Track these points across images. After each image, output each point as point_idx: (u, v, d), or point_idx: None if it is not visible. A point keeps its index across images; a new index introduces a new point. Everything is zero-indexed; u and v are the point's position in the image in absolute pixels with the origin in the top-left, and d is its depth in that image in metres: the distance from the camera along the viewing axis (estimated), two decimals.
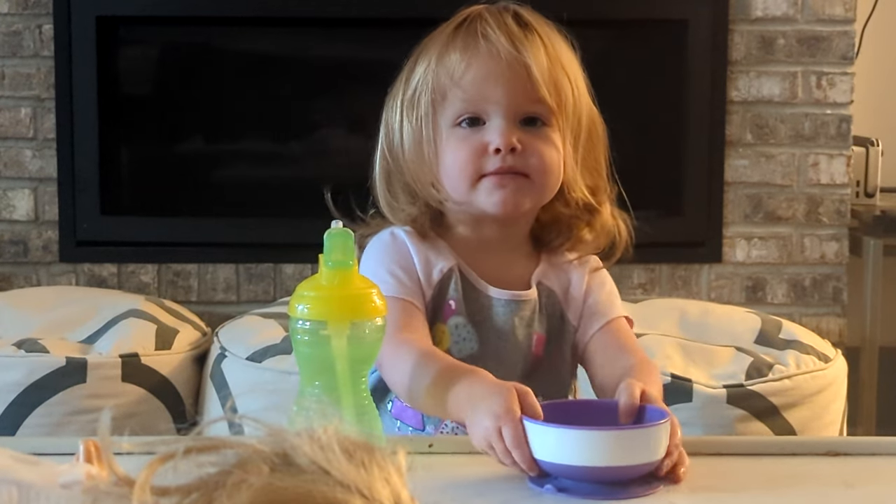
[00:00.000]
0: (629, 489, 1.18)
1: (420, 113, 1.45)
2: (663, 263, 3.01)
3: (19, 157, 2.96)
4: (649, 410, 1.24)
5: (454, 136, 1.44)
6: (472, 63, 1.43)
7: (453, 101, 1.44)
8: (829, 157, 3.01)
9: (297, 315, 1.18)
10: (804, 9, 2.99)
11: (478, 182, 1.43)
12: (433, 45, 1.47)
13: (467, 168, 1.43)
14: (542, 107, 1.44)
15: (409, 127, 1.46)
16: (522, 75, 1.42)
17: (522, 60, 1.42)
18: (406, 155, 1.47)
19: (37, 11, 2.93)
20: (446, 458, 1.28)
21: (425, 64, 1.46)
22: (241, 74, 3.04)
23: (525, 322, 1.47)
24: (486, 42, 1.43)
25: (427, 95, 1.45)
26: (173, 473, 0.72)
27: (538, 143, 1.44)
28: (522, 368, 1.45)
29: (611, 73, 3.10)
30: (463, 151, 1.43)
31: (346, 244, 1.18)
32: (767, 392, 2.43)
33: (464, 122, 1.44)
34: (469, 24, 1.46)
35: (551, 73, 1.44)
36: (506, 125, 1.42)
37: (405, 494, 0.74)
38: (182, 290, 2.97)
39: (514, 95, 1.43)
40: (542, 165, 1.43)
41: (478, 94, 1.43)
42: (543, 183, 1.45)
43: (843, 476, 1.24)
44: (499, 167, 1.42)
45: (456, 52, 1.44)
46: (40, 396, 2.45)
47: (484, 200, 1.43)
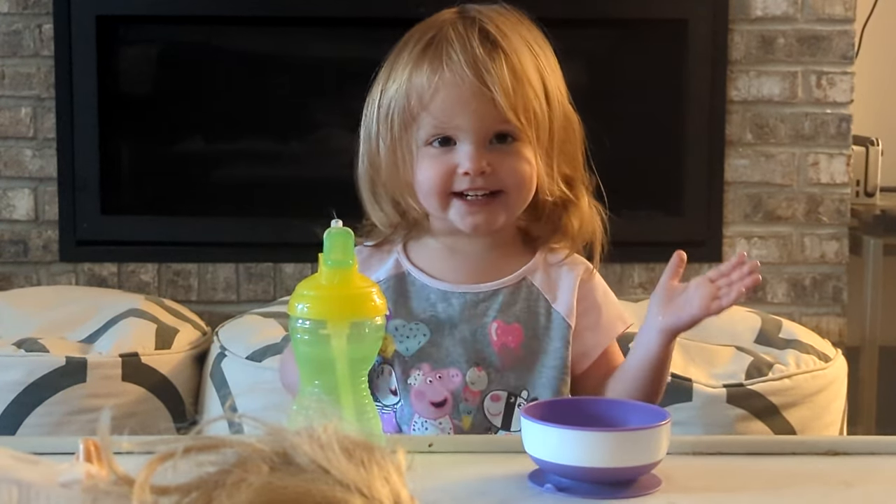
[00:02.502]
0: (629, 489, 1.18)
1: (394, 132, 1.49)
2: (663, 263, 2.98)
3: (19, 156, 2.96)
4: (650, 411, 1.24)
5: (426, 156, 1.48)
6: (439, 89, 1.46)
7: (424, 124, 1.48)
8: (829, 156, 3.01)
9: (296, 314, 1.18)
10: (804, 8, 2.98)
11: (450, 201, 1.48)
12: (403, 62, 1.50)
13: (438, 187, 1.47)
14: (509, 125, 1.47)
15: (384, 143, 1.50)
16: (488, 100, 1.45)
17: (487, 84, 1.45)
18: (384, 167, 1.51)
19: (37, 11, 2.93)
20: (446, 458, 1.27)
21: (396, 84, 1.49)
22: (242, 74, 3.04)
23: (481, 311, 1.50)
24: (451, 69, 1.46)
25: (399, 115, 1.49)
26: (173, 472, 0.72)
27: (509, 161, 1.47)
28: (485, 358, 1.48)
29: (611, 73, 3.10)
30: (434, 171, 1.47)
31: (346, 243, 1.18)
32: (767, 391, 2.43)
33: (435, 142, 1.48)
34: (436, 46, 1.48)
35: (517, 94, 1.47)
36: (474, 149, 1.46)
37: (405, 493, 0.74)
38: (182, 290, 2.97)
39: (481, 120, 1.46)
40: (513, 181, 1.48)
41: (446, 120, 1.46)
42: (517, 197, 1.49)
43: (843, 475, 1.24)
44: (468, 188, 1.46)
45: (423, 76, 1.47)
46: (40, 396, 2.45)
47: (457, 221, 1.48)
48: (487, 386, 1.48)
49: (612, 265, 3.00)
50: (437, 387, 1.47)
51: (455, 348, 1.48)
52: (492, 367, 1.48)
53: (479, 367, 1.48)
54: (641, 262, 3.00)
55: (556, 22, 2.99)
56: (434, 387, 1.47)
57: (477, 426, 1.47)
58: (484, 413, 1.47)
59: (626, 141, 3.06)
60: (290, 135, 3.07)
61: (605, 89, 3.08)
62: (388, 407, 1.48)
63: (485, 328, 1.49)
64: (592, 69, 3.08)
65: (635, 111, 3.05)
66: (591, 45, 3.09)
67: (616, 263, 3.00)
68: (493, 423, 1.48)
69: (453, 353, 1.48)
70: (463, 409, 1.47)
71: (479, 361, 1.48)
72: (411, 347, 1.48)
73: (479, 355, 1.48)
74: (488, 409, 1.48)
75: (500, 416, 1.48)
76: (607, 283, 3.18)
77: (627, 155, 3.06)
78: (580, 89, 3.05)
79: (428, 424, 1.46)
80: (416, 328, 1.49)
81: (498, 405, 1.48)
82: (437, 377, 1.47)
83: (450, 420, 1.47)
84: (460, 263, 1.53)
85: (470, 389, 1.47)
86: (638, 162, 3.06)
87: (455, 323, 1.49)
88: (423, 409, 1.47)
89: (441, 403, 1.47)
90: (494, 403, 1.48)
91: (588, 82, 3.08)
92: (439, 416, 1.47)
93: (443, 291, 1.51)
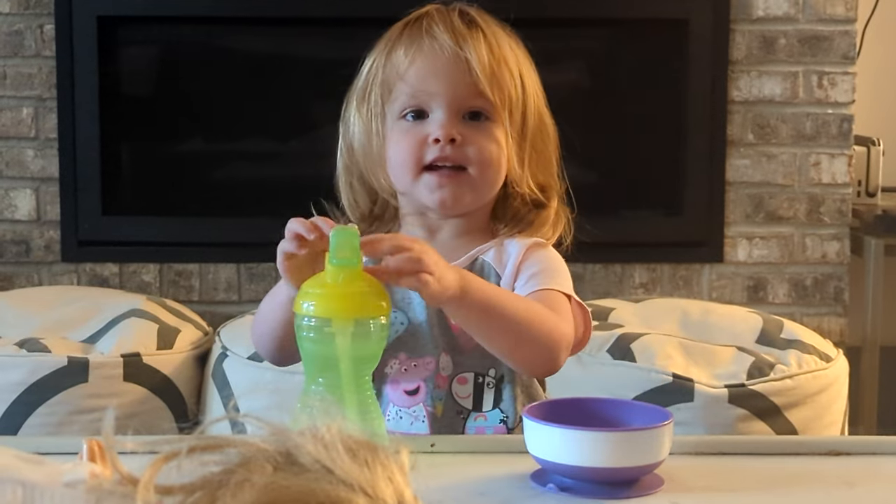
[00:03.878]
0: (631, 489, 1.18)
1: (370, 106, 1.51)
2: (664, 263, 3.01)
3: (21, 156, 2.96)
4: (653, 411, 1.24)
5: (399, 129, 1.50)
6: (416, 58, 1.48)
7: (399, 95, 1.49)
8: (830, 156, 3.01)
9: (301, 312, 1.18)
10: (805, 8, 2.99)
11: (419, 175, 1.48)
12: (383, 42, 1.53)
13: (409, 159, 1.48)
14: (484, 101, 1.48)
15: (359, 121, 1.52)
16: (464, 70, 1.47)
17: (463, 55, 1.47)
18: (357, 148, 1.53)
19: (38, 11, 2.93)
20: (448, 458, 1.28)
21: (373, 59, 1.53)
22: (242, 74, 3.04)
23: None
24: (430, 38, 1.48)
25: (376, 89, 1.51)
26: (177, 472, 0.72)
27: (479, 137, 1.48)
28: (447, 342, 1.47)
29: (612, 73, 3.10)
30: (405, 142, 1.48)
31: (352, 242, 1.19)
32: (769, 392, 2.43)
33: (408, 114, 1.49)
34: (416, 21, 1.51)
35: (493, 69, 1.48)
36: (447, 118, 1.47)
37: (408, 493, 0.75)
38: (183, 290, 2.98)
39: (455, 90, 1.47)
40: (480, 158, 1.48)
41: (421, 89, 1.48)
42: (483, 176, 1.49)
43: (844, 476, 1.24)
44: (437, 157, 1.47)
45: (402, 48, 1.50)
46: (42, 396, 2.45)
47: (425, 196, 1.48)
48: (453, 370, 1.47)
49: (612, 265, 3.00)
50: (412, 374, 1.47)
51: (428, 335, 1.47)
52: (455, 351, 1.47)
53: (446, 352, 1.47)
54: (642, 262, 3.00)
55: (557, 21, 3.03)
56: (408, 375, 1.47)
57: (448, 411, 1.46)
58: (453, 397, 1.47)
59: (627, 141, 3.06)
60: (291, 135, 3.07)
61: (606, 89, 3.08)
62: None
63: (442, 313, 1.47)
64: (593, 69, 3.08)
65: (636, 111, 3.05)
66: (592, 45, 3.09)
67: (617, 263, 3.00)
68: (464, 406, 1.47)
69: (427, 340, 1.47)
70: (435, 396, 1.46)
71: (445, 347, 1.47)
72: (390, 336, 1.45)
73: (445, 340, 1.47)
74: (456, 392, 1.47)
75: (469, 399, 1.47)
76: (608, 283, 3.18)
77: (628, 155, 3.06)
78: (581, 89, 3.08)
79: (402, 413, 1.46)
80: (395, 316, 1.47)
81: (466, 387, 1.47)
82: (412, 365, 1.47)
83: (423, 407, 1.46)
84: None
85: (441, 375, 1.46)
86: (639, 162, 3.06)
87: (422, 308, 1.48)
88: (397, 397, 1.46)
89: (414, 391, 1.46)
90: (462, 386, 1.47)
91: (589, 82, 3.08)
92: (412, 405, 1.46)
93: None
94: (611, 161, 3.04)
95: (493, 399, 1.47)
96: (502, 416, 1.47)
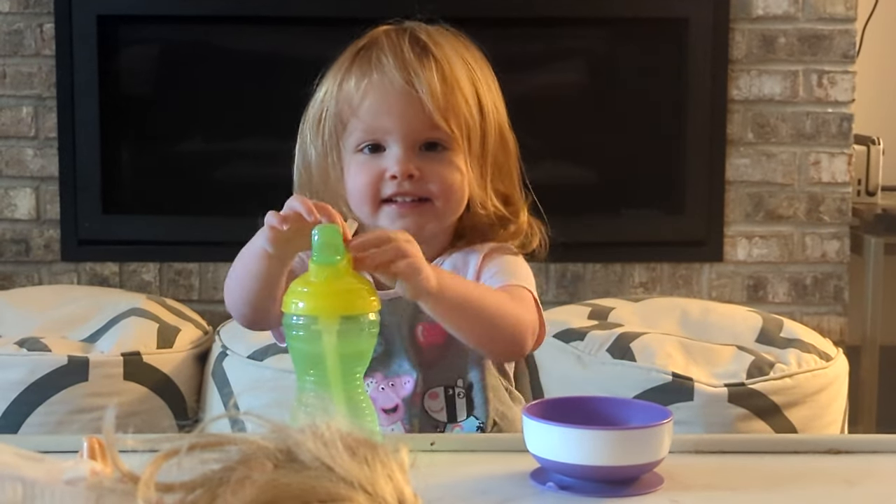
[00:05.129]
0: (631, 487, 1.18)
1: (325, 138, 1.50)
2: (664, 262, 3.01)
3: (21, 156, 2.96)
4: (652, 410, 1.24)
5: (356, 162, 1.48)
6: (368, 93, 1.46)
7: (353, 129, 1.48)
8: (830, 155, 3.01)
9: (289, 311, 1.19)
10: (805, 7, 2.99)
11: (380, 207, 1.47)
12: (335, 69, 1.51)
13: (368, 193, 1.46)
14: (440, 132, 1.46)
15: (315, 150, 1.51)
16: (417, 105, 1.45)
17: (415, 91, 1.44)
18: (315, 174, 1.52)
19: (38, 10, 2.93)
20: (448, 456, 1.28)
21: (325, 89, 1.51)
22: (243, 73, 3.04)
23: (407, 317, 1.47)
24: (380, 72, 1.46)
25: (330, 121, 1.49)
26: (178, 470, 0.72)
27: (438, 168, 1.46)
28: (418, 360, 1.46)
29: (611, 72, 3.10)
30: (363, 177, 1.47)
31: (335, 239, 1.19)
32: (769, 391, 2.43)
33: (365, 148, 1.47)
34: (367, 50, 1.49)
35: (447, 99, 1.45)
36: (403, 153, 1.45)
37: (408, 491, 0.75)
38: (183, 289, 2.98)
39: (409, 124, 1.45)
40: (441, 190, 1.46)
41: (375, 124, 1.46)
42: (445, 206, 1.47)
43: (844, 474, 1.24)
44: (396, 192, 1.45)
45: (353, 80, 1.48)
46: (42, 395, 2.45)
47: (387, 226, 1.46)
48: (423, 386, 1.46)
49: (612, 264, 3.00)
50: (389, 394, 1.46)
51: (402, 356, 1.46)
52: (423, 366, 1.46)
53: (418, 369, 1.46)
54: (642, 261, 3.00)
55: (556, 21, 3.03)
56: (386, 394, 1.46)
57: (425, 427, 1.46)
58: (427, 412, 1.46)
59: (627, 140, 3.06)
60: (291, 134, 3.06)
61: (606, 88, 3.08)
62: None
63: (413, 331, 1.47)
64: (593, 68, 3.08)
65: (636, 110, 3.05)
66: (592, 44, 3.09)
67: (617, 263, 3.00)
68: (438, 420, 1.47)
69: (403, 360, 1.46)
70: (413, 414, 1.45)
71: (416, 364, 1.46)
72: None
73: (416, 358, 1.47)
74: (429, 407, 1.46)
75: (443, 412, 1.47)
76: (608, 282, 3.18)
77: (628, 154, 3.06)
78: (581, 89, 3.08)
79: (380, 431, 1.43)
80: None
81: (438, 402, 1.47)
82: (389, 384, 1.46)
83: (402, 425, 1.45)
84: None
85: (416, 393, 1.46)
86: (639, 161, 3.06)
87: (396, 329, 1.47)
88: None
89: (393, 410, 1.46)
90: (434, 401, 1.47)
91: (589, 81, 3.08)
92: (391, 423, 1.45)
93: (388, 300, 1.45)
94: (610, 160, 3.04)
95: (465, 408, 1.47)
96: (478, 423, 1.47)
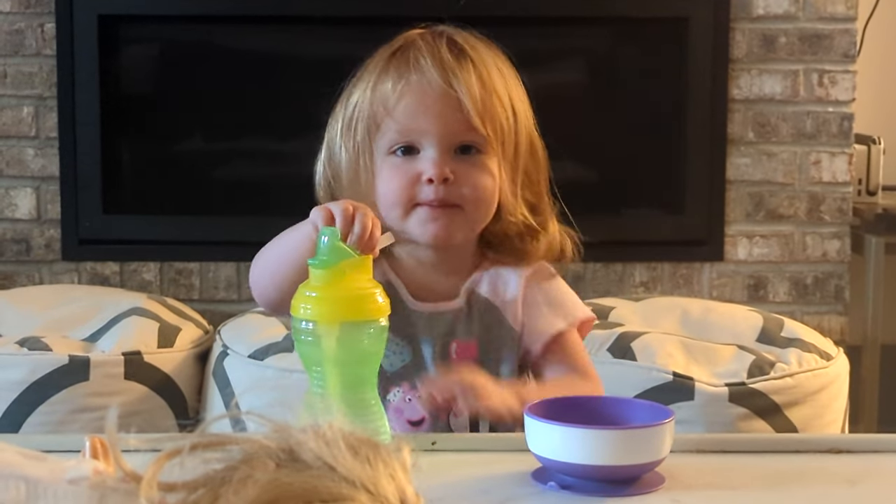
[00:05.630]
0: (632, 487, 1.18)
1: (357, 140, 1.47)
2: (665, 262, 3.01)
3: (21, 155, 2.96)
4: (654, 409, 1.24)
5: (389, 164, 1.46)
6: (405, 94, 1.44)
7: (387, 130, 1.46)
8: (830, 155, 3.01)
9: (297, 315, 1.19)
10: (805, 7, 2.99)
11: (411, 211, 1.45)
12: (369, 71, 1.49)
13: (401, 197, 1.45)
14: (476, 135, 1.44)
15: (346, 152, 1.49)
16: (455, 106, 1.43)
17: (454, 92, 1.43)
18: (344, 177, 1.49)
19: (39, 10, 2.93)
20: (450, 456, 1.28)
21: (361, 90, 1.48)
22: (243, 73, 3.04)
23: (444, 331, 1.47)
24: (419, 73, 1.44)
25: (363, 123, 1.47)
26: (180, 469, 0.72)
27: (472, 172, 1.45)
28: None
29: (612, 72, 3.10)
30: (397, 180, 1.45)
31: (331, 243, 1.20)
32: (769, 390, 2.43)
33: (398, 150, 1.46)
34: (403, 52, 1.47)
35: (484, 103, 1.44)
36: (439, 155, 1.43)
37: (410, 490, 0.75)
38: (184, 289, 2.98)
39: (446, 126, 1.44)
40: (475, 195, 1.45)
41: (411, 125, 1.44)
42: (476, 212, 1.46)
43: (846, 473, 1.24)
44: (432, 198, 1.43)
45: (389, 82, 1.45)
46: (43, 394, 2.45)
47: (417, 231, 1.45)
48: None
49: (613, 264, 3.00)
50: (416, 406, 1.45)
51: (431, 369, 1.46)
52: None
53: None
54: (643, 260, 3.00)
55: (557, 20, 3.03)
56: (412, 405, 1.45)
57: None
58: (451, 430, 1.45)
59: (628, 139, 3.06)
60: (292, 133, 3.07)
61: (607, 87, 3.08)
62: None
63: (445, 348, 1.47)
64: (593, 67, 3.08)
65: (636, 110, 3.05)
66: (593, 44, 3.09)
67: (617, 262, 3.00)
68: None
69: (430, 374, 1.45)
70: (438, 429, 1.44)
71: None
72: (395, 364, 1.46)
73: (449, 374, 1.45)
74: (453, 424, 1.45)
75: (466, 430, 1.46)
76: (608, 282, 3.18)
77: (629, 153, 3.06)
78: (581, 88, 3.08)
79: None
80: (400, 345, 1.45)
81: (462, 420, 1.45)
82: (416, 396, 1.45)
83: None
84: (422, 278, 1.50)
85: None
86: (639, 160, 3.06)
87: (426, 343, 1.46)
88: (401, 426, 1.44)
89: (418, 422, 1.45)
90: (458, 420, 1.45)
91: (589, 81, 3.08)
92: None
93: (415, 311, 1.47)
94: (611, 159, 3.04)
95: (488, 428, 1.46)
96: None
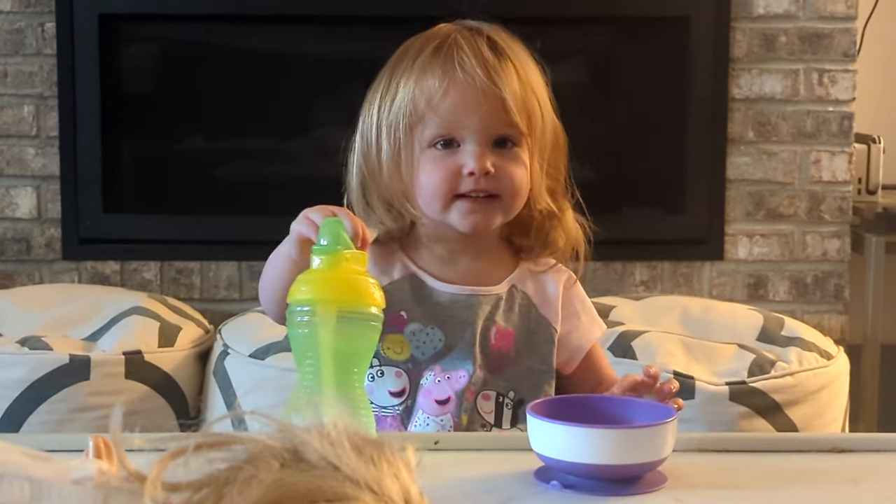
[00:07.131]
0: (634, 486, 1.18)
1: (398, 134, 1.53)
2: (665, 261, 3.01)
3: (22, 155, 2.96)
4: (656, 408, 1.24)
5: (429, 157, 1.52)
6: (450, 90, 1.51)
7: (429, 124, 1.51)
8: (830, 154, 3.01)
9: (292, 301, 1.20)
10: (806, 6, 2.99)
11: (452, 202, 1.51)
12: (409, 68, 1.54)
13: (442, 188, 1.51)
14: (513, 130, 1.52)
15: (386, 146, 1.54)
16: (497, 104, 1.50)
17: (498, 90, 1.50)
18: (383, 172, 1.54)
19: (39, 9, 2.93)
20: (452, 455, 1.28)
21: (401, 88, 1.53)
22: (244, 72, 3.04)
23: (486, 314, 1.54)
24: (463, 71, 1.51)
25: (406, 118, 1.52)
26: (184, 469, 0.72)
27: (509, 165, 1.52)
28: (483, 360, 1.52)
29: (612, 71, 3.10)
30: (438, 173, 1.51)
31: (339, 233, 1.20)
32: (770, 389, 2.43)
33: (438, 144, 1.51)
34: (447, 50, 1.53)
35: (524, 99, 1.52)
36: (479, 149, 1.50)
37: (414, 490, 0.75)
38: (185, 288, 2.98)
39: (488, 122, 1.51)
40: (512, 187, 1.52)
41: (454, 120, 1.51)
42: (512, 202, 1.53)
43: (848, 473, 1.24)
44: (472, 189, 1.50)
45: (434, 79, 1.51)
46: (44, 394, 2.45)
47: (457, 221, 1.52)
48: (481, 386, 1.52)
49: (613, 263, 3.00)
50: (444, 386, 1.50)
51: (465, 351, 1.52)
52: (487, 369, 1.52)
53: (481, 368, 1.52)
54: (643, 259, 3.00)
55: (558, 20, 3.02)
56: (441, 386, 1.51)
57: (473, 423, 1.51)
58: (478, 410, 1.51)
59: (628, 139, 3.06)
60: (292, 133, 3.07)
61: (607, 87, 3.08)
62: (388, 409, 1.50)
63: (486, 331, 1.53)
64: (594, 67, 3.08)
65: (637, 109, 3.05)
66: (593, 43, 3.09)
67: (618, 261, 3.00)
68: (487, 420, 1.52)
69: (465, 356, 1.51)
70: (463, 408, 1.50)
71: (482, 364, 1.52)
72: (427, 352, 1.52)
73: (483, 358, 1.52)
74: (481, 407, 1.52)
75: (491, 414, 1.52)
76: (608, 280, 3.19)
77: (629, 153, 3.06)
78: (581, 87, 3.08)
79: (430, 421, 1.50)
80: (431, 333, 1.52)
81: (489, 403, 1.52)
82: (445, 377, 1.51)
83: (451, 418, 1.50)
84: (454, 268, 1.57)
85: (470, 389, 1.51)
86: (640, 160, 3.06)
87: (466, 326, 1.52)
88: (428, 406, 1.50)
89: (445, 401, 1.50)
90: (486, 402, 1.52)
91: (590, 80, 3.08)
92: (441, 414, 1.50)
93: (452, 294, 1.54)
94: (611, 159, 3.04)
95: (510, 419, 1.52)
96: None
